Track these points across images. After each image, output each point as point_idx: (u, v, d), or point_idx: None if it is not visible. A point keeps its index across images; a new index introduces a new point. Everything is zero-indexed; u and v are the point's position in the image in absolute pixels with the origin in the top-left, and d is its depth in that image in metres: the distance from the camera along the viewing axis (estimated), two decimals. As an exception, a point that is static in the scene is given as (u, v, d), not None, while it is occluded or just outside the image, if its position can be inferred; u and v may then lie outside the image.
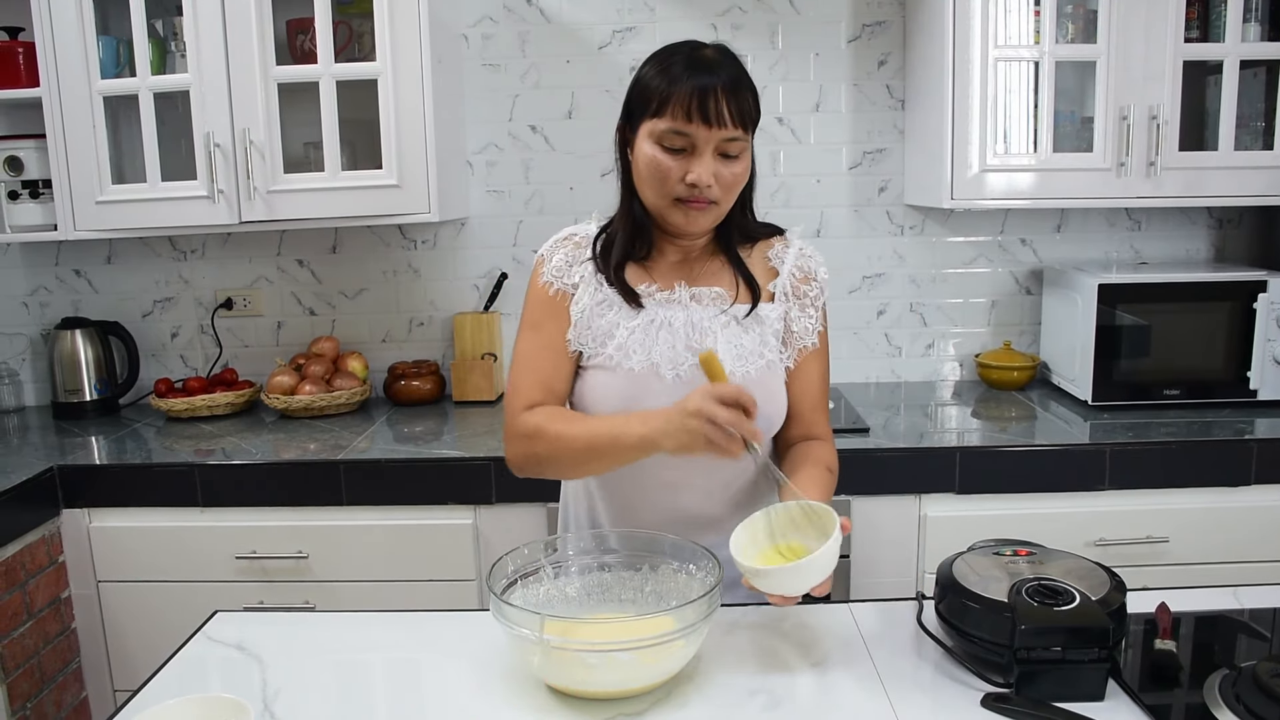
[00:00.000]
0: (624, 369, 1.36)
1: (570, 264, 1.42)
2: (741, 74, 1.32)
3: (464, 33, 2.59)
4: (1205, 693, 1.08)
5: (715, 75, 1.28)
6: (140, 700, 1.18)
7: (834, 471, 1.41)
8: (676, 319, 1.37)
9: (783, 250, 1.45)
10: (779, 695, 1.14)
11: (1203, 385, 2.32)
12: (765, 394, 1.35)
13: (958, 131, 2.25)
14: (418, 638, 1.33)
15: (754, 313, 1.39)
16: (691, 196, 1.30)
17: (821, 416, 1.45)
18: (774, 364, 1.39)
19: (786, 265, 1.43)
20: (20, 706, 1.98)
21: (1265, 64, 2.31)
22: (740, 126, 1.29)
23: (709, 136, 1.28)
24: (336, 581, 2.13)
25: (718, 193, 1.31)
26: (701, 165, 1.29)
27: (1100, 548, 2.04)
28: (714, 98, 1.26)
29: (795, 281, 1.43)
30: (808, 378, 1.44)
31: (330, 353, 2.62)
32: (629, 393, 1.35)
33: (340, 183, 2.28)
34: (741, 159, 1.32)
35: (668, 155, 1.30)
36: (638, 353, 1.36)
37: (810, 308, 1.43)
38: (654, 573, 1.29)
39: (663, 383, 1.34)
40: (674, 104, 1.27)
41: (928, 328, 2.70)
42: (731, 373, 1.32)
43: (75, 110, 2.28)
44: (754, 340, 1.38)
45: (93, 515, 2.14)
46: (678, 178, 1.30)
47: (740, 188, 1.35)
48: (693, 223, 1.34)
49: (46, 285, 2.75)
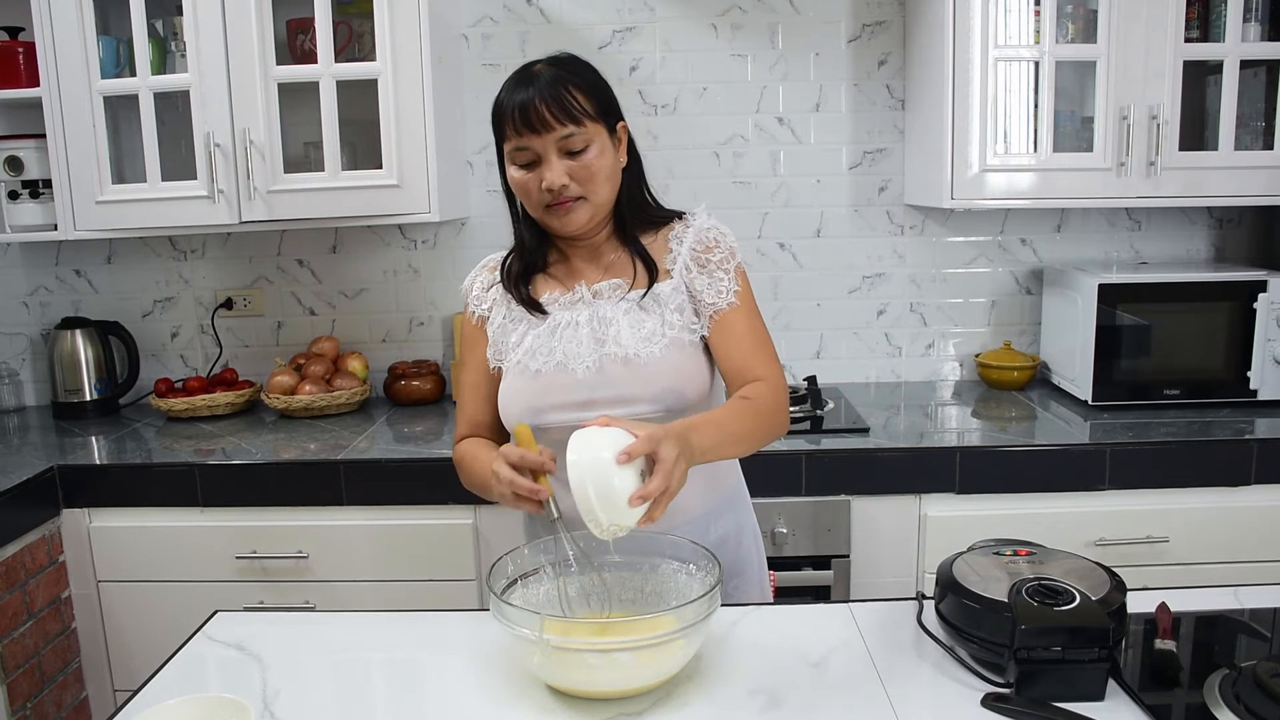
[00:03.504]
0: (530, 371, 1.42)
1: (485, 289, 1.53)
2: (564, 74, 1.36)
3: (464, 33, 2.59)
4: (1205, 693, 1.08)
5: (530, 86, 1.34)
6: (140, 700, 1.18)
7: (753, 399, 1.38)
8: (580, 318, 1.42)
9: (683, 230, 1.47)
10: (779, 695, 1.14)
11: (1203, 385, 2.32)
12: (670, 369, 1.39)
13: (958, 131, 2.25)
14: (418, 638, 1.33)
15: (651, 293, 1.42)
16: (555, 200, 1.37)
17: (758, 360, 1.44)
18: (680, 340, 1.41)
19: (685, 242, 1.45)
20: (20, 706, 1.98)
21: (1265, 64, 2.31)
22: (570, 122, 1.34)
23: (543, 142, 1.34)
24: (336, 581, 2.13)
25: (577, 188, 1.36)
26: (549, 170, 1.35)
27: (1100, 548, 2.04)
28: (532, 107, 1.33)
29: (696, 253, 1.44)
30: (731, 332, 1.43)
31: (330, 353, 2.62)
32: (536, 393, 1.41)
33: (340, 183, 2.28)
34: (589, 150, 1.36)
35: (523, 171, 1.38)
36: (543, 354, 1.41)
37: (718, 271, 1.43)
38: (654, 573, 1.29)
39: (573, 378, 1.39)
40: (507, 125, 1.36)
41: (928, 328, 2.70)
42: (637, 354, 1.37)
43: (75, 110, 2.28)
44: (655, 321, 1.41)
45: (93, 515, 2.14)
46: (537, 188, 1.37)
47: (601, 177, 1.37)
48: (568, 223, 1.39)
49: (46, 285, 2.75)
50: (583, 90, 1.36)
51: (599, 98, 1.38)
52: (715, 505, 1.49)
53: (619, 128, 1.42)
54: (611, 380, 1.38)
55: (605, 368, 1.39)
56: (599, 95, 1.38)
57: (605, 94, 1.41)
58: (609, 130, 1.40)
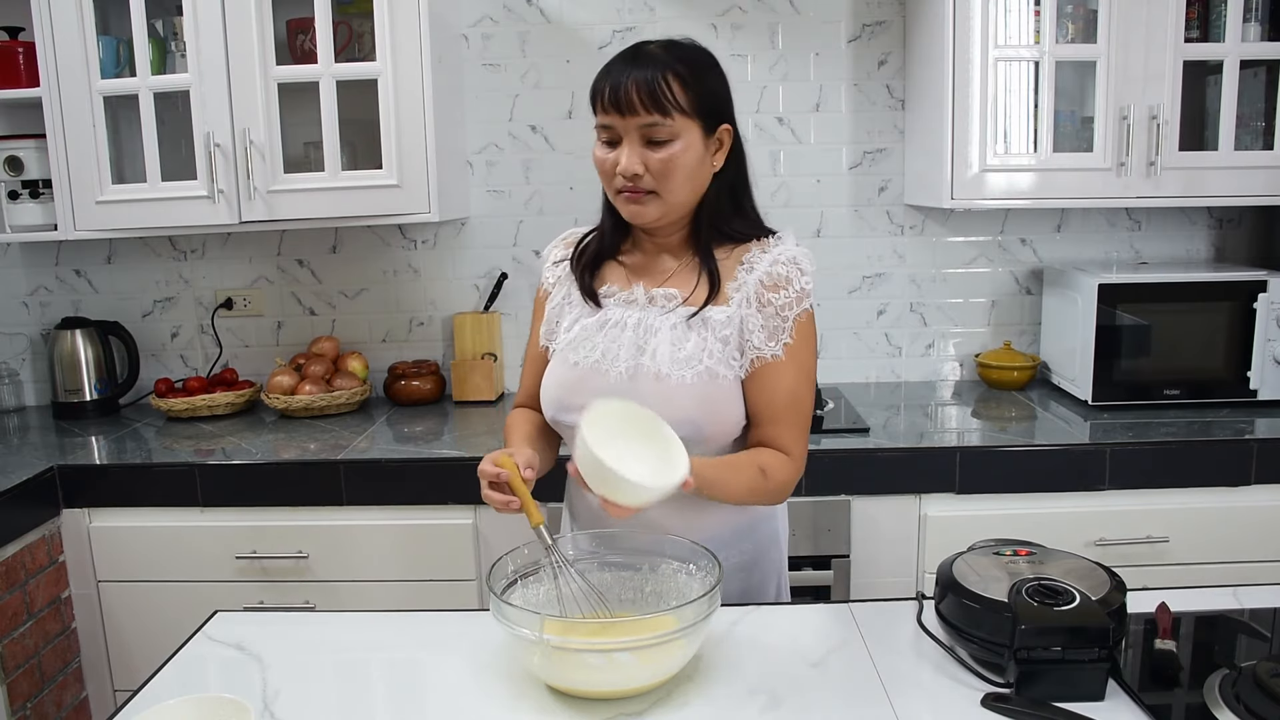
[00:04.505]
0: (569, 362, 1.40)
1: (556, 263, 1.51)
2: (670, 61, 1.31)
3: (464, 33, 2.59)
4: (1205, 693, 1.08)
5: (635, 65, 1.30)
6: (140, 700, 1.18)
7: (768, 473, 1.33)
8: (629, 319, 1.39)
9: (759, 254, 1.37)
10: (779, 695, 1.14)
11: (1203, 385, 2.32)
12: (697, 400, 1.32)
13: (958, 131, 2.24)
14: (418, 638, 1.33)
15: (700, 315, 1.35)
16: (627, 187, 1.33)
17: (784, 431, 1.36)
18: (715, 371, 1.33)
19: (756, 271, 1.36)
20: (20, 706, 1.98)
21: (1265, 64, 2.31)
22: (656, 111, 1.29)
23: (626, 125, 1.31)
24: (336, 581, 2.13)
25: (651, 181, 1.32)
26: (625, 154, 1.31)
27: (1100, 548, 2.04)
28: (626, 87, 1.29)
29: (761, 288, 1.35)
30: (767, 390, 1.35)
31: (330, 353, 2.62)
32: (570, 385, 1.39)
33: (340, 183, 2.28)
34: (673, 145, 1.30)
35: (604, 148, 1.35)
36: (584, 348, 1.39)
37: (776, 318, 1.34)
38: (654, 573, 1.29)
39: (606, 379, 1.36)
40: (598, 98, 1.33)
41: (928, 328, 2.70)
42: (669, 375, 1.33)
43: (75, 110, 2.28)
44: (695, 344, 1.34)
45: (93, 515, 2.14)
46: (612, 169, 1.33)
47: (679, 175, 1.31)
48: (637, 215, 1.36)
49: (46, 285, 2.75)
50: (683, 82, 1.29)
51: (702, 94, 1.31)
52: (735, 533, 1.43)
53: (722, 131, 1.35)
54: (641, 392, 1.31)
55: (638, 377, 1.34)
56: (703, 91, 1.32)
57: (712, 92, 1.34)
58: (706, 130, 1.33)
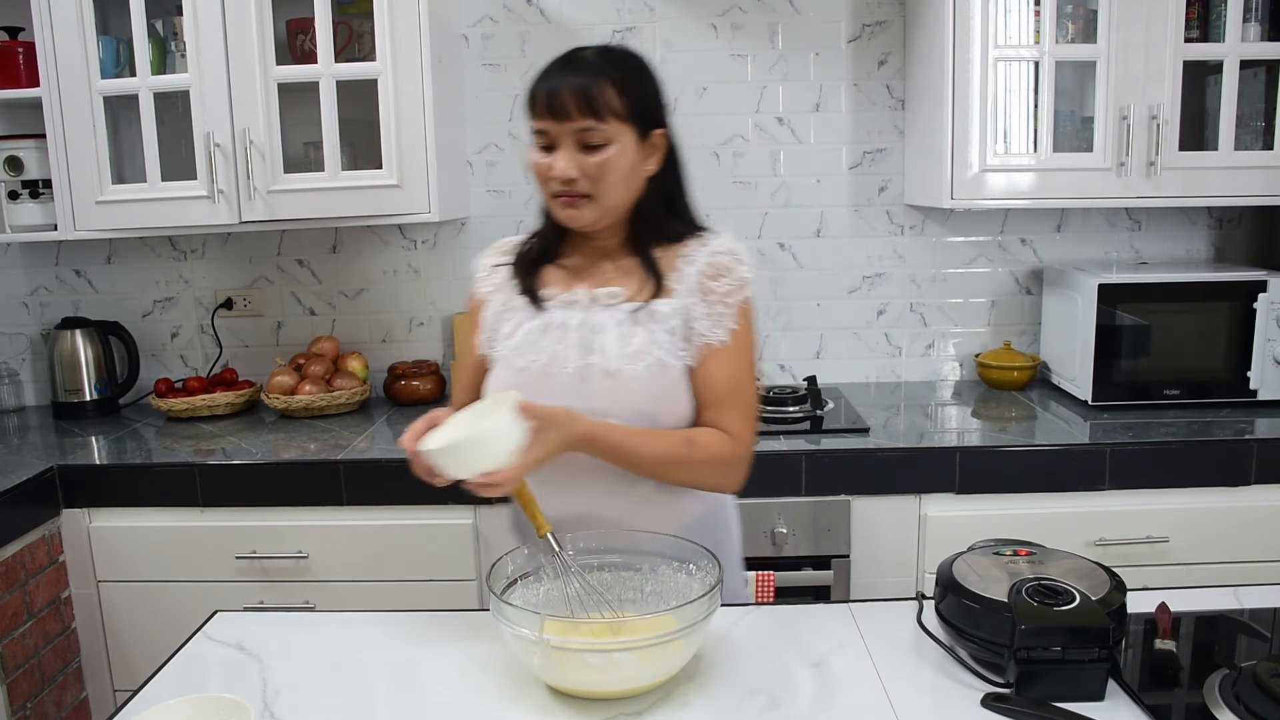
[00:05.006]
0: (515, 367, 1.40)
1: (490, 272, 1.51)
2: (605, 67, 1.33)
3: (464, 33, 2.59)
4: (1205, 693, 1.08)
5: (570, 71, 1.32)
6: (140, 700, 1.18)
7: (694, 441, 1.35)
8: (573, 320, 1.39)
9: (698, 248, 1.41)
10: (779, 695, 1.14)
11: (1203, 385, 2.32)
12: (648, 391, 1.35)
13: (958, 131, 2.24)
14: (418, 638, 1.32)
15: (646, 309, 1.38)
16: (563, 191, 1.34)
17: (726, 414, 1.38)
18: (665, 362, 1.36)
19: (697, 263, 1.39)
20: (20, 706, 1.98)
21: (1265, 64, 2.31)
22: (591, 116, 1.30)
23: (561, 129, 1.32)
24: (336, 581, 2.13)
25: (587, 185, 1.33)
26: (559, 158, 1.33)
27: (1100, 548, 2.04)
28: (561, 92, 1.31)
29: (703, 278, 1.38)
30: (710, 374, 1.38)
31: (330, 353, 2.62)
32: (519, 390, 1.37)
33: (340, 183, 2.28)
34: (607, 149, 1.32)
35: (540, 153, 1.36)
36: (529, 353, 1.39)
37: (719, 305, 1.38)
38: (654, 573, 1.29)
39: (554, 382, 1.37)
40: (533, 104, 1.34)
41: (928, 328, 2.70)
42: (619, 370, 1.35)
43: (75, 110, 2.28)
44: (643, 338, 1.36)
45: (93, 515, 2.14)
46: (547, 174, 1.34)
47: (613, 178, 1.33)
48: (572, 218, 1.37)
49: (46, 285, 2.75)
50: (617, 87, 1.32)
51: (636, 99, 1.34)
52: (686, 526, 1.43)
53: (655, 135, 1.37)
54: (593, 391, 1.34)
55: (588, 377, 1.35)
56: (637, 96, 1.34)
57: (646, 97, 1.36)
58: (640, 134, 1.35)
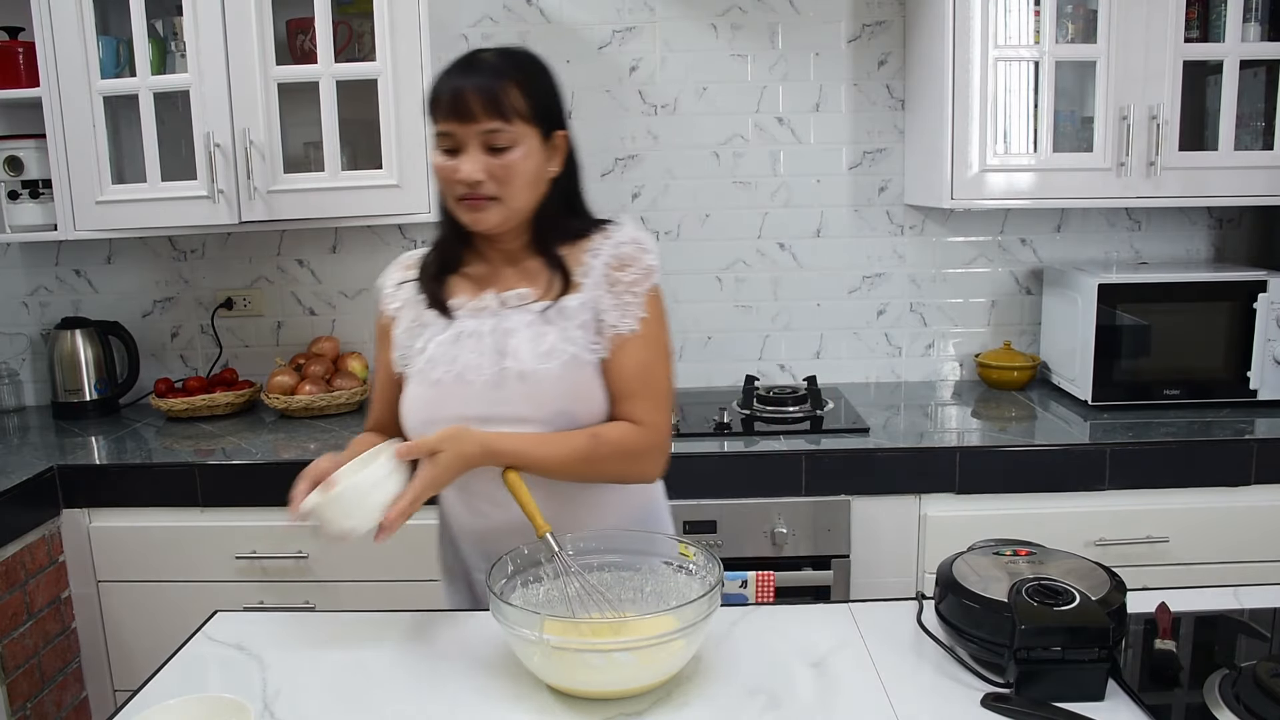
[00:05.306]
0: (430, 380, 1.38)
1: (395, 288, 1.49)
2: (506, 68, 1.33)
3: (464, 33, 2.59)
4: (1205, 693, 1.08)
5: (472, 73, 1.32)
6: (140, 700, 1.18)
7: (598, 435, 1.35)
8: (484, 327, 1.38)
9: (602, 241, 1.40)
10: (779, 695, 1.14)
11: (1203, 385, 2.32)
12: (565, 389, 1.35)
13: (958, 131, 2.24)
14: (418, 638, 1.33)
15: (556, 306, 1.37)
16: (469, 194, 1.33)
17: (637, 404, 1.38)
18: (580, 358, 1.35)
19: (602, 255, 1.39)
20: (20, 706, 1.98)
21: (1265, 64, 2.31)
22: (498, 118, 1.30)
23: (467, 132, 1.31)
24: (336, 581, 2.13)
25: (493, 187, 1.32)
26: (465, 160, 1.32)
27: (1100, 548, 2.04)
28: (466, 94, 1.30)
29: (609, 269, 1.38)
30: (620, 365, 1.37)
31: (330, 353, 2.62)
32: (433, 403, 1.38)
33: (340, 183, 2.28)
34: (513, 151, 1.32)
35: (444, 157, 1.34)
36: (442, 364, 1.38)
37: (627, 294, 1.37)
38: (654, 573, 1.29)
39: (470, 389, 1.36)
40: (436, 106, 1.33)
41: (928, 328, 2.70)
42: (534, 370, 1.34)
43: (75, 110, 2.27)
44: (556, 335, 1.36)
45: (93, 515, 2.14)
46: (453, 177, 1.33)
47: (519, 180, 1.33)
48: (478, 221, 1.36)
49: (46, 285, 2.75)
50: (521, 89, 1.32)
51: (539, 100, 1.34)
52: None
53: (557, 136, 1.38)
54: (509, 396, 1.34)
55: (504, 382, 1.35)
56: (540, 98, 1.34)
57: (548, 98, 1.37)
58: (544, 135, 1.35)
